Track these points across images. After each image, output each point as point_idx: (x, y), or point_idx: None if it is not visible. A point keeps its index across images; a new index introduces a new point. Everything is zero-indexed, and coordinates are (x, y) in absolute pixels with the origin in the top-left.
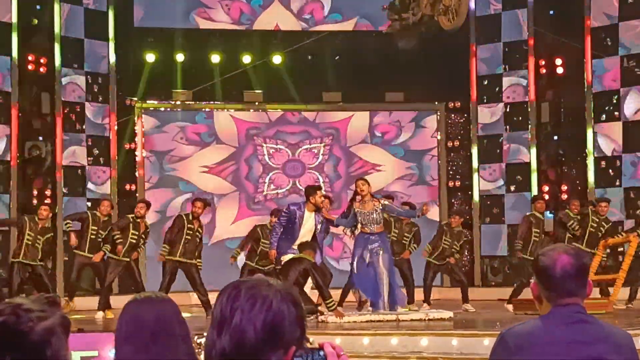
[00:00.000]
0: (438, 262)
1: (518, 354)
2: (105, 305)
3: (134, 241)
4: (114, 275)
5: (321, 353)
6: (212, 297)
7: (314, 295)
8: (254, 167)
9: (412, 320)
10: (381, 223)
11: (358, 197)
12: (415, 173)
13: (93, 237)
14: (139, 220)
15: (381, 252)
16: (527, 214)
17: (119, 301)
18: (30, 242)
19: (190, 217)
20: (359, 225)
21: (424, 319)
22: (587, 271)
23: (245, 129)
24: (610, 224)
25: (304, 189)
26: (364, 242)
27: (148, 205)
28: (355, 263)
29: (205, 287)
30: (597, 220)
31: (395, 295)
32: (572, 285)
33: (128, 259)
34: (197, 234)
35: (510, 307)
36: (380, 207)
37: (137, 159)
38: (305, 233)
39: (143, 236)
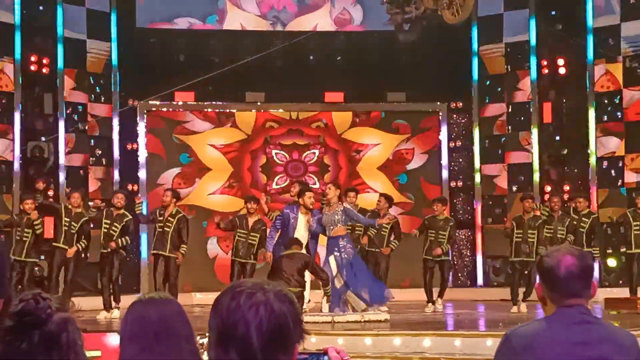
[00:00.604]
0: (430, 257)
1: (523, 354)
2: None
3: (106, 231)
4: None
5: (325, 358)
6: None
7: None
8: (258, 158)
9: (347, 322)
10: (339, 225)
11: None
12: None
13: (66, 228)
14: (112, 210)
15: (346, 256)
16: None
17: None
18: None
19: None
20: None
21: (360, 321)
22: (592, 272)
23: (263, 119)
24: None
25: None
26: (334, 246)
27: (127, 195)
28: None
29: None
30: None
31: (375, 294)
32: (576, 286)
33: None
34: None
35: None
36: (341, 210)
37: (140, 159)
38: (299, 235)
39: (116, 225)
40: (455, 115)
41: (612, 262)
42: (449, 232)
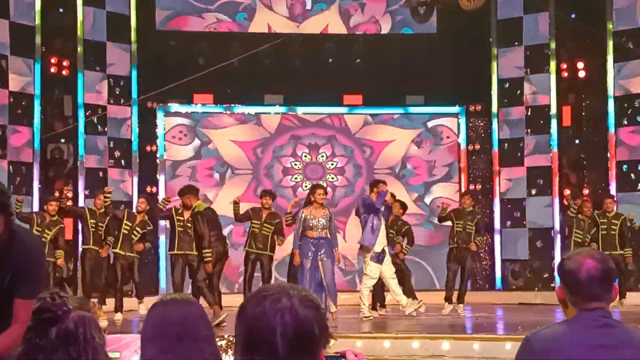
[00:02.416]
0: (456, 246)
1: (543, 357)
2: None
3: (126, 233)
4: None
5: None
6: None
7: None
8: (277, 159)
9: None
10: (327, 229)
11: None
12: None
13: (93, 230)
14: (135, 213)
15: (325, 258)
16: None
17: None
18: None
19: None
20: (303, 230)
21: None
22: (613, 275)
23: (288, 120)
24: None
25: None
26: (311, 246)
27: (148, 199)
28: (304, 265)
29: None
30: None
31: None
32: (597, 290)
33: (124, 253)
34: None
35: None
36: (329, 216)
37: (158, 161)
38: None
39: (137, 230)
40: (474, 118)
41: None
42: (476, 223)
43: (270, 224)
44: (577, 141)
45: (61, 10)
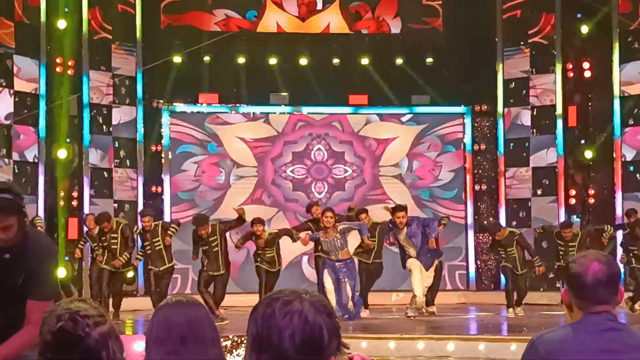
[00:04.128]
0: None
1: None
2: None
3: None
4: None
5: None
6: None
7: None
8: (284, 155)
9: None
10: (345, 248)
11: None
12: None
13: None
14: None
15: (347, 280)
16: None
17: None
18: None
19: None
20: (324, 253)
21: None
22: (619, 279)
23: (295, 119)
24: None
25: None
26: (330, 267)
27: (153, 216)
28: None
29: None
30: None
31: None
32: (604, 293)
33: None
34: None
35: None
36: (340, 234)
37: (163, 160)
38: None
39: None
40: (479, 118)
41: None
42: (516, 246)
43: (271, 245)
44: (582, 141)
45: (66, 10)
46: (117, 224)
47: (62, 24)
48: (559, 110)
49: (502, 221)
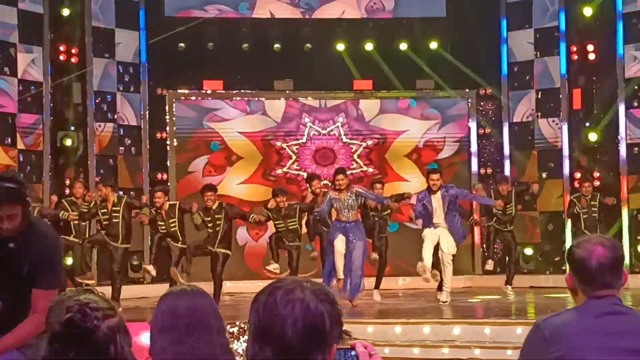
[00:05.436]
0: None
1: (553, 343)
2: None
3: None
4: None
5: (352, 353)
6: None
7: None
8: (286, 144)
9: None
10: (356, 210)
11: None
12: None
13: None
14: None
15: (356, 241)
16: None
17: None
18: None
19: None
20: (335, 212)
21: None
22: (622, 262)
23: (293, 107)
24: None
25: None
26: (340, 229)
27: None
28: (335, 244)
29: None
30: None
31: (351, 290)
32: (608, 277)
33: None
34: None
35: None
36: (354, 194)
37: (168, 147)
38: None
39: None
40: (484, 102)
41: None
42: (515, 201)
43: (292, 217)
44: (587, 124)
45: None
46: (118, 199)
47: (65, 12)
48: (564, 92)
49: None
